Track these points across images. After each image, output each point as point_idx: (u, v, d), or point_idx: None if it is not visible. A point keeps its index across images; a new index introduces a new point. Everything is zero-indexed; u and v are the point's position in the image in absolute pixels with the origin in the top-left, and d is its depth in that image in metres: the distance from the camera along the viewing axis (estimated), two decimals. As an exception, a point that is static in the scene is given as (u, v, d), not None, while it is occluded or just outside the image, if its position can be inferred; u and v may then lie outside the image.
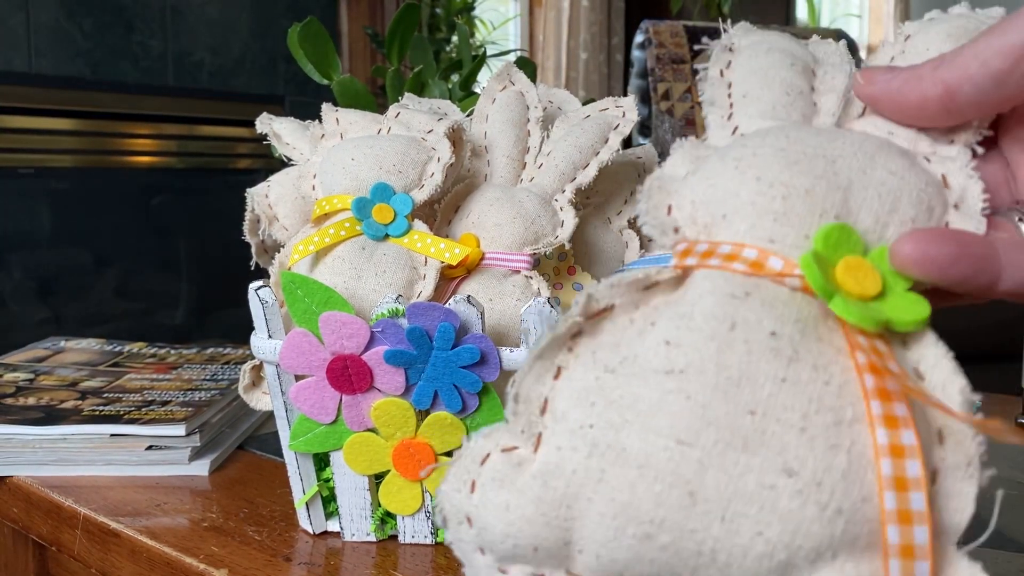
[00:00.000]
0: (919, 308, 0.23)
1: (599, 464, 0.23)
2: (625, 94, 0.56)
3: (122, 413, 0.60)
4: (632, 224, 0.56)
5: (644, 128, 1.35)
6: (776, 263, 0.24)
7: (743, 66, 0.29)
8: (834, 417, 0.22)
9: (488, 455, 0.24)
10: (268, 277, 0.50)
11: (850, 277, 0.23)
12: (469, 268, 0.47)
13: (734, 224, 0.25)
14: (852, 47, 0.60)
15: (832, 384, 0.22)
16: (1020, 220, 0.26)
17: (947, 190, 0.26)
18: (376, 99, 0.69)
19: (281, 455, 0.49)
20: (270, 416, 0.66)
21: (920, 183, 0.25)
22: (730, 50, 0.30)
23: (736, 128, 0.28)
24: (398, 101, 0.53)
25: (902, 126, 0.27)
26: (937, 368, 0.23)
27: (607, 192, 0.56)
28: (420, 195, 0.47)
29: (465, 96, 0.74)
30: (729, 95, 0.28)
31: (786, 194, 0.25)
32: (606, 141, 0.50)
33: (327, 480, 0.48)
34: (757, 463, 0.22)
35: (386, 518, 0.48)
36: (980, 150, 0.26)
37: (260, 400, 0.51)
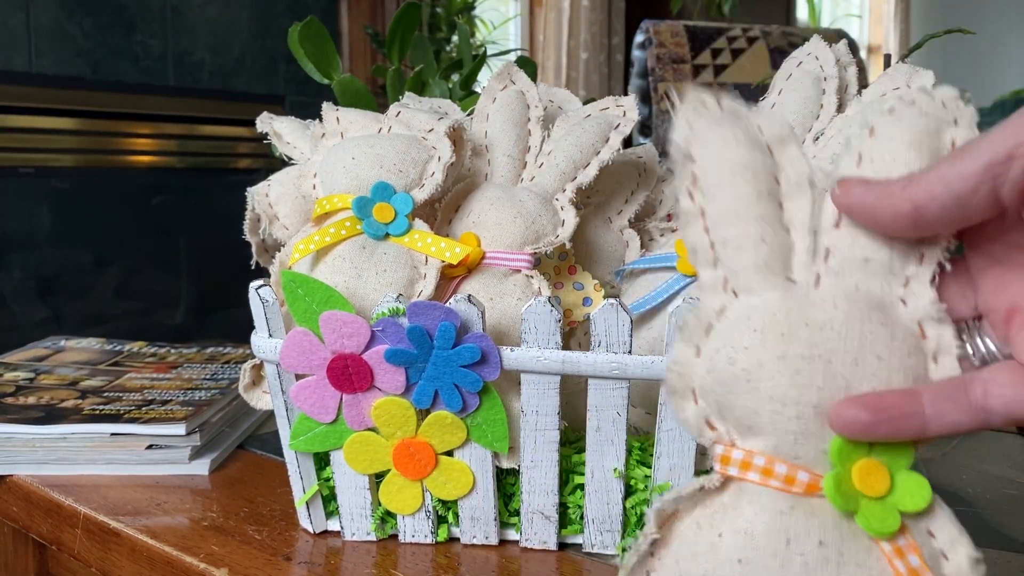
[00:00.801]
0: (922, 492, 0.29)
1: None
2: (626, 94, 0.56)
3: (122, 412, 0.60)
4: (632, 223, 0.56)
5: (645, 128, 1.35)
6: (804, 476, 0.29)
7: (710, 194, 0.30)
8: None
9: None
10: (269, 276, 0.50)
11: (865, 484, 0.29)
12: (470, 267, 0.47)
13: (761, 437, 0.29)
14: (853, 47, 0.60)
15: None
16: (966, 340, 0.30)
17: (924, 341, 0.29)
18: (376, 98, 0.69)
19: (281, 454, 0.49)
20: (270, 415, 0.66)
21: (903, 354, 0.29)
22: (690, 159, 0.30)
23: (726, 281, 0.30)
24: (398, 100, 0.53)
25: (875, 248, 0.29)
26: (944, 529, 0.29)
27: (608, 191, 0.56)
28: (421, 194, 0.47)
29: (465, 95, 0.74)
30: (707, 231, 0.30)
31: (799, 414, 0.29)
32: (607, 140, 0.50)
33: (327, 479, 0.48)
34: None
35: (386, 517, 0.48)
36: (948, 267, 0.29)
37: (260, 399, 0.51)
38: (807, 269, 0.30)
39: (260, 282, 0.45)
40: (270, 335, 0.45)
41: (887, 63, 0.59)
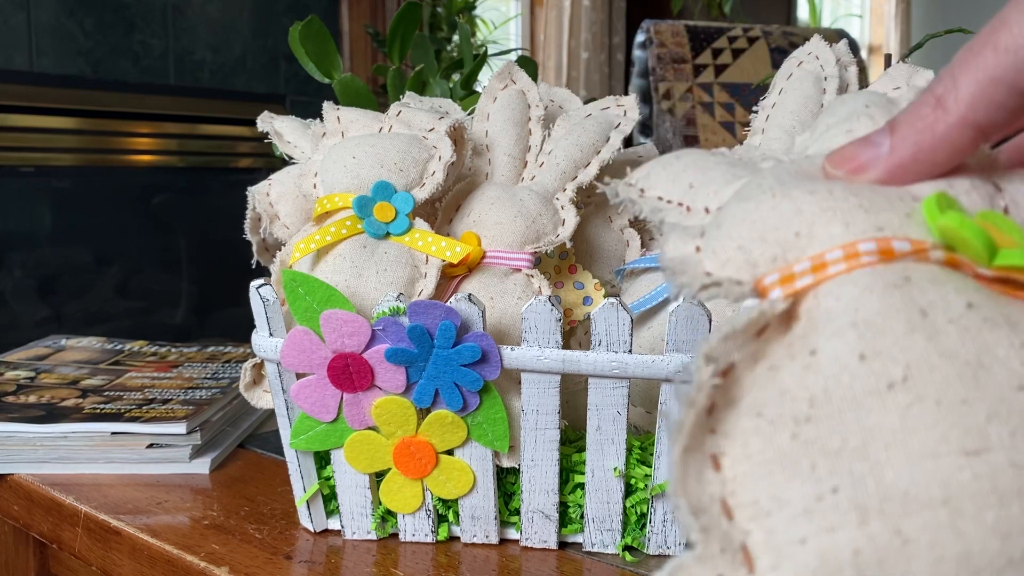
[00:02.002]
0: None
1: (888, 526, 0.17)
2: (626, 94, 0.56)
3: (123, 411, 0.60)
4: (633, 223, 0.56)
5: (645, 127, 1.35)
6: (903, 245, 0.20)
7: (661, 176, 0.26)
8: None
9: None
10: (269, 275, 0.50)
11: (993, 231, 0.20)
12: (470, 267, 0.47)
13: (818, 234, 0.21)
14: (853, 47, 0.60)
15: None
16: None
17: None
18: (377, 98, 0.69)
19: (282, 453, 0.49)
20: (271, 414, 0.66)
21: None
22: (630, 184, 0.27)
23: (706, 208, 0.24)
24: (399, 100, 0.54)
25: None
26: None
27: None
28: (421, 193, 0.47)
29: (466, 95, 0.74)
30: (668, 201, 0.25)
31: (855, 191, 0.22)
32: (607, 140, 0.50)
33: (328, 478, 0.48)
34: None
35: (387, 516, 0.48)
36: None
37: (261, 398, 0.51)
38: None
39: (261, 281, 0.45)
40: (271, 334, 0.45)
41: (888, 63, 0.59)
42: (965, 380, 0.18)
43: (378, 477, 0.46)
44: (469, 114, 0.54)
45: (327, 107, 0.52)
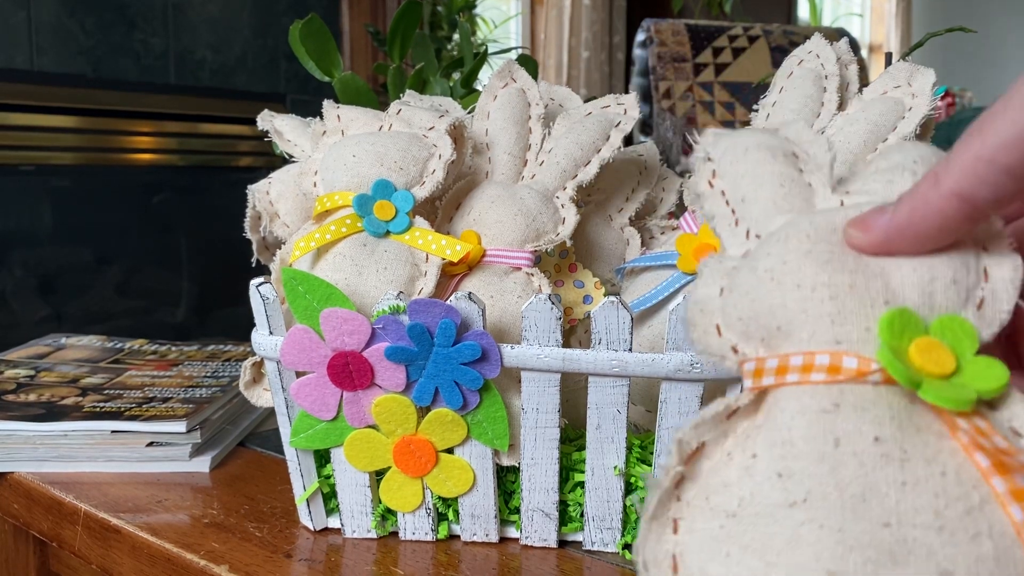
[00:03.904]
0: (998, 372, 0.24)
1: None
2: (626, 92, 0.56)
3: (123, 410, 0.60)
4: (633, 221, 0.56)
5: (645, 126, 1.35)
6: (851, 362, 0.24)
7: (729, 172, 0.29)
8: (965, 506, 0.22)
9: None
10: (269, 274, 0.50)
11: (927, 360, 0.23)
12: (470, 265, 0.47)
13: (793, 334, 0.25)
14: (854, 46, 0.60)
15: (949, 473, 0.22)
16: None
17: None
18: (378, 96, 0.69)
19: (282, 452, 0.49)
20: (271, 413, 0.66)
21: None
22: (709, 159, 0.29)
23: (748, 231, 0.28)
24: (399, 98, 0.53)
25: (923, 259, 0.26)
26: None
27: (609, 189, 0.56)
28: (421, 192, 0.47)
29: (466, 94, 0.74)
30: (727, 202, 0.29)
31: (833, 294, 0.25)
32: (608, 139, 0.50)
33: (328, 477, 0.48)
34: (911, 575, 0.21)
35: (387, 515, 0.48)
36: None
37: (261, 397, 0.51)
38: (830, 201, 0.28)
39: (261, 279, 0.45)
40: (271, 332, 0.45)
41: (888, 61, 0.59)
42: (847, 511, 0.22)
43: (378, 475, 0.46)
44: (469, 112, 0.54)
45: (327, 106, 0.52)
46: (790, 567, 0.22)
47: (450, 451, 0.45)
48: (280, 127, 0.54)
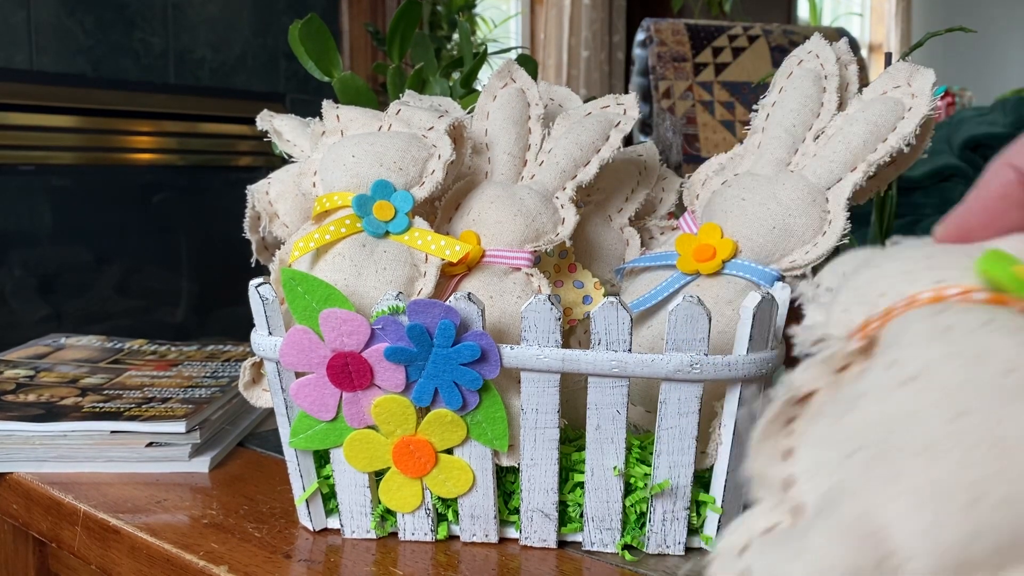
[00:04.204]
0: None
1: (886, 466, 0.21)
2: (626, 92, 0.56)
3: (122, 410, 0.60)
4: (633, 222, 0.56)
5: (645, 126, 1.35)
6: (953, 291, 0.24)
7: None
8: None
9: (747, 545, 0.22)
10: (269, 274, 0.50)
11: None
12: (470, 265, 0.47)
13: (895, 292, 0.25)
14: (853, 45, 0.60)
15: None
16: None
17: None
18: (377, 96, 0.69)
19: (281, 452, 0.49)
20: (270, 413, 0.66)
21: None
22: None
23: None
24: (399, 98, 0.53)
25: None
26: None
27: (608, 190, 0.56)
28: (421, 192, 0.47)
29: (466, 93, 0.74)
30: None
31: (931, 253, 0.26)
32: (607, 139, 0.50)
33: (327, 477, 0.48)
34: None
35: (386, 515, 0.48)
36: None
37: (260, 397, 0.51)
38: None
39: (260, 280, 0.45)
40: (270, 333, 0.45)
41: (888, 61, 0.59)
42: (963, 370, 0.21)
43: (377, 476, 0.46)
44: (469, 112, 0.53)
45: (327, 105, 0.52)
46: (918, 421, 0.21)
47: (449, 452, 0.45)
48: (279, 127, 0.54)
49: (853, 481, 0.21)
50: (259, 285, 0.45)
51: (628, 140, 0.55)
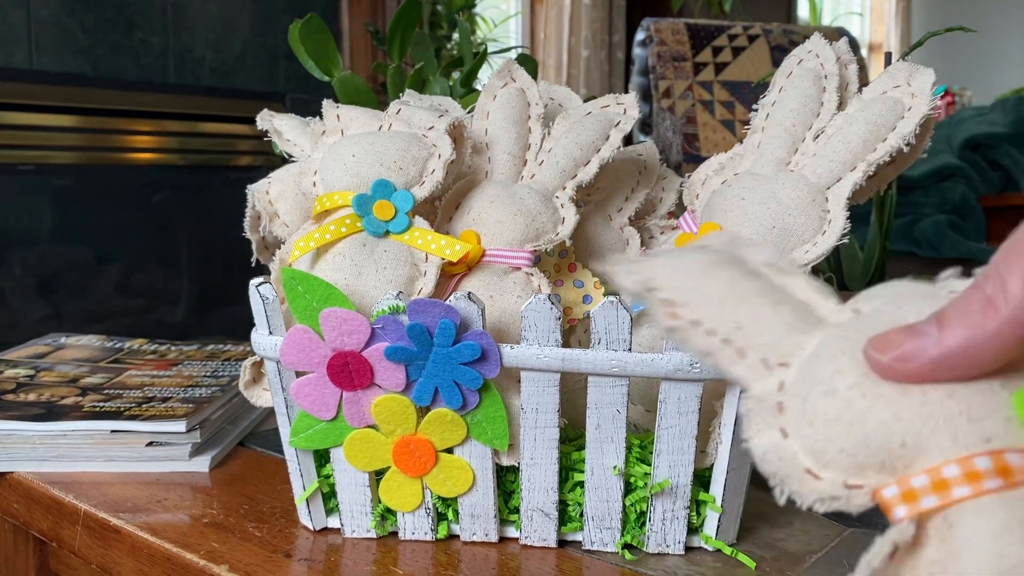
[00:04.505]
0: None
1: None
2: (626, 91, 0.56)
3: (123, 409, 0.60)
4: (633, 221, 0.56)
5: (645, 126, 1.35)
6: (1017, 460, 0.21)
7: (695, 300, 0.26)
8: None
9: None
10: (269, 273, 0.50)
11: None
12: (470, 265, 0.47)
13: (925, 446, 0.22)
14: (853, 45, 0.60)
15: None
16: None
17: None
18: (377, 96, 0.69)
19: (281, 451, 0.49)
20: (271, 413, 0.66)
21: None
22: (652, 289, 0.27)
23: (765, 360, 0.25)
24: (399, 98, 0.53)
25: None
26: None
27: (608, 189, 0.56)
28: (421, 192, 0.47)
29: (466, 93, 0.74)
30: (713, 333, 0.26)
31: (949, 392, 0.23)
32: (607, 138, 0.50)
33: (327, 476, 0.48)
34: None
35: (386, 514, 0.48)
36: None
37: (261, 396, 0.51)
38: (844, 310, 0.26)
39: (260, 279, 0.45)
40: (270, 332, 0.45)
41: (888, 61, 0.59)
42: None
43: (378, 475, 0.46)
44: (469, 112, 0.54)
45: (327, 105, 0.52)
46: None
47: (450, 451, 0.45)
48: (279, 126, 0.54)
49: None
50: (259, 284, 0.45)
51: (628, 140, 0.55)
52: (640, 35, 1.41)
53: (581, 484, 0.46)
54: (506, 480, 0.47)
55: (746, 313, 0.26)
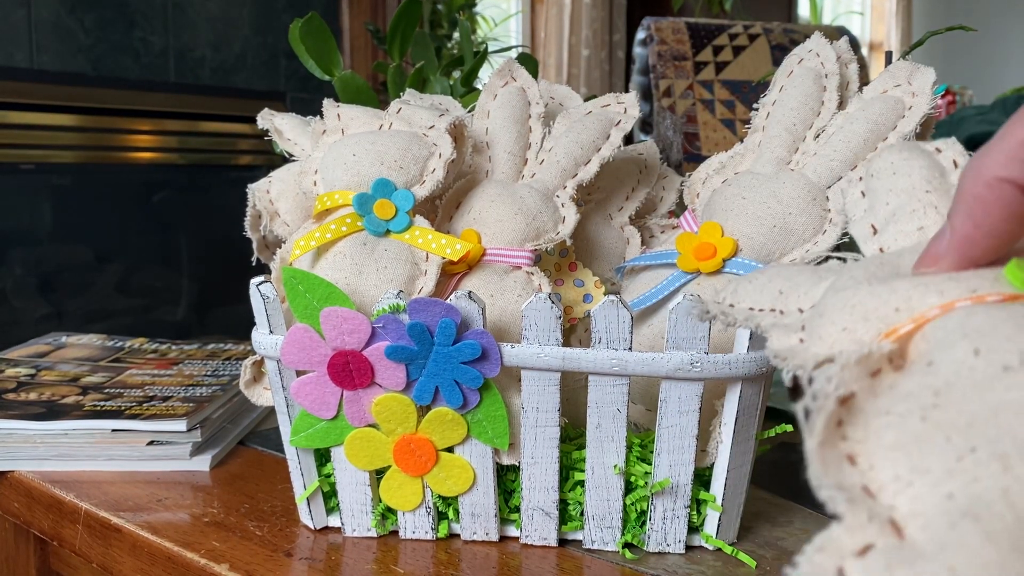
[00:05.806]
0: None
1: None
2: (627, 91, 0.56)
3: (123, 408, 0.60)
4: (633, 220, 0.56)
5: (645, 125, 1.35)
6: (995, 297, 0.23)
7: (749, 286, 0.30)
8: None
9: (841, 569, 0.19)
10: (269, 272, 0.50)
11: None
12: (470, 264, 0.47)
13: (918, 304, 0.24)
14: (854, 44, 0.60)
15: None
16: None
17: None
18: (378, 95, 0.69)
19: (282, 450, 0.49)
20: (271, 412, 0.66)
21: None
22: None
23: (800, 308, 0.28)
24: (399, 97, 0.53)
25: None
26: None
27: (609, 188, 0.56)
28: (421, 191, 0.47)
29: (467, 92, 0.74)
30: (760, 306, 0.30)
31: (950, 275, 0.24)
32: (607, 137, 0.50)
33: (328, 476, 0.48)
34: None
35: (387, 513, 0.48)
36: None
37: (261, 395, 0.51)
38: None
39: (261, 278, 0.45)
40: (271, 331, 0.45)
41: (888, 60, 0.59)
42: None
43: (378, 474, 0.47)
44: (469, 111, 0.54)
45: (327, 104, 0.52)
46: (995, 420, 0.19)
47: (450, 450, 0.45)
48: (280, 126, 0.54)
49: (992, 481, 0.18)
50: (260, 283, 0.45)
51: (628, 139, 0.55)
52: (640, 34, 1.41)
53: (581, 483, 0.46)
54: (507, 479, 0.47)
55: (787, 283, 0.29)
